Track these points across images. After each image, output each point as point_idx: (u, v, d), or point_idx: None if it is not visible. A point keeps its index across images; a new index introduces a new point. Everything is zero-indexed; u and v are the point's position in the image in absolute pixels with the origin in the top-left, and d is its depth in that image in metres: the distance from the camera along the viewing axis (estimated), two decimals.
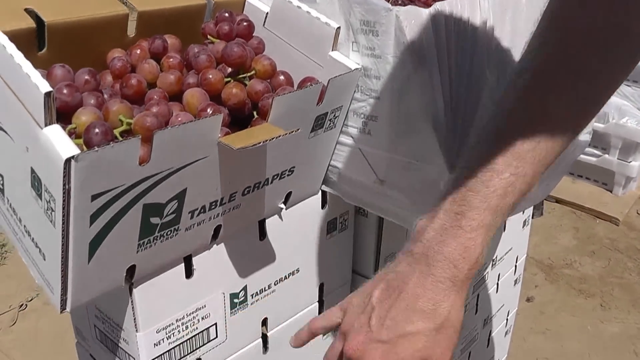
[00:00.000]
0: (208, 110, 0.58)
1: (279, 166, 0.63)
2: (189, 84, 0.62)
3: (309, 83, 0.63)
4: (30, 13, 0.57)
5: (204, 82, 0.61)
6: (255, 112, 0.64)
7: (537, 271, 1.99)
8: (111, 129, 0.51)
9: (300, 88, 0.63)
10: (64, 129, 0.47)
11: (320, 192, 0.73)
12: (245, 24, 0.67)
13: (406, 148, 0.63)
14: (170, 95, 0.61)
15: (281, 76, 0.66)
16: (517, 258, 1.15)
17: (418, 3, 0.64)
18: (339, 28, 0.63)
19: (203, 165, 0.53)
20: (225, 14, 0.67)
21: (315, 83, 0.61)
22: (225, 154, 0.54)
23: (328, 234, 0.77)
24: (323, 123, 0.64)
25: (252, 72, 0.64)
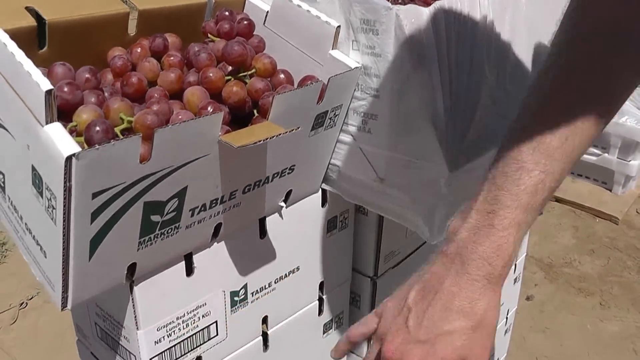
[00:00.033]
0: (208, 108, 0.58)
1: (279, 164, 0.63)
2: (190, 82, 0.62)
3: (309, 81, 0.63)
4: (31, 11, 0.58)
5: (204, 81, 0.61)
6: (255, 111, 0.64)
7: (537, 270, 1.99)
8: (112, 127, 0.52)
9: (301, 86, 0.63)
10: (64, 127, 0.47)
11: (320, 191, 0.73)
12: (245, 22, 0.67)
13: (406, 146, 0.63)
14: (171, 94, 0.61)
15: (281, 75, 0.66)
16: (517, 257, 1.15)
17: (418, 2, 0.64)
18: (339, 27, 0.63)
19: (203, 163, 0.54)
20: (226, 13, 0.67)
21: (316, 81, 0.61)
22: (226, 152, 0.54)
23: (328, 232, 0.77)
24: (323, 121, 0.64)
25: (253, 71, 0.64)
